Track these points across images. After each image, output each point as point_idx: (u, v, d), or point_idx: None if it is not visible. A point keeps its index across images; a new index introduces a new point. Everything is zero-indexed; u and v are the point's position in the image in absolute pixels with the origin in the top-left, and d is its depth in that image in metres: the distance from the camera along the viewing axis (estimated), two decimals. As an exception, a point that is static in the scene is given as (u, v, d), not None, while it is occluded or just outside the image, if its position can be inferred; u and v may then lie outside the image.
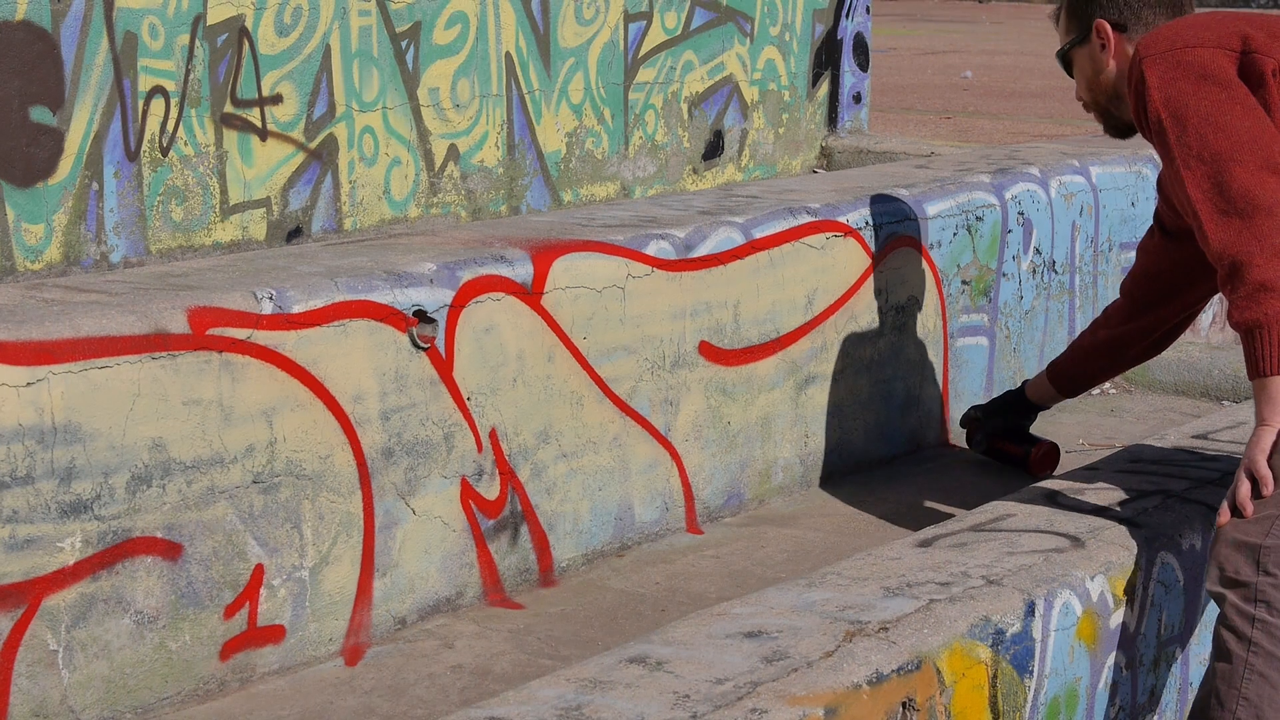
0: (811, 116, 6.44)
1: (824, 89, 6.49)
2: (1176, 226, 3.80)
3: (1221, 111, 3.11)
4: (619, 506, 4.01)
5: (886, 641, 2.66)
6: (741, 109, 6.11)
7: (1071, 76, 3.70)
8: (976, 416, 4.58)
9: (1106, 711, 3.11)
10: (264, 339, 3.30)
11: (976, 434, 4.57)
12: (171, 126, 4.43)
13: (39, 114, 4.15)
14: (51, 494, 3.00)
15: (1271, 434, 3.00)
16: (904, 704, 2.61)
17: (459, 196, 5.17)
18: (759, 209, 4.38)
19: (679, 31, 5.83)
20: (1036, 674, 2.89)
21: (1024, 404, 4.49)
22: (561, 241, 3.91)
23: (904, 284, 4.67)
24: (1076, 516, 3.27)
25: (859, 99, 6.66)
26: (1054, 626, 2.93)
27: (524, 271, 3.77)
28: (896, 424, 4.73)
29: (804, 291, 4.40)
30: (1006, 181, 5.03)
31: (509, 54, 5.26)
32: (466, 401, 3.66)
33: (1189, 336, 5.58)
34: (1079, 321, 5.28)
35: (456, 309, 3.63)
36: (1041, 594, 2.91)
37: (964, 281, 4.88)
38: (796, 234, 4.36)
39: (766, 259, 4.29)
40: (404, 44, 4.96)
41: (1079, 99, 3.72)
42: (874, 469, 4.63)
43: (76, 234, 4.25)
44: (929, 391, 4.82)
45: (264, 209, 4.67)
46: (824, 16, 6.43)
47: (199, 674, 3.24)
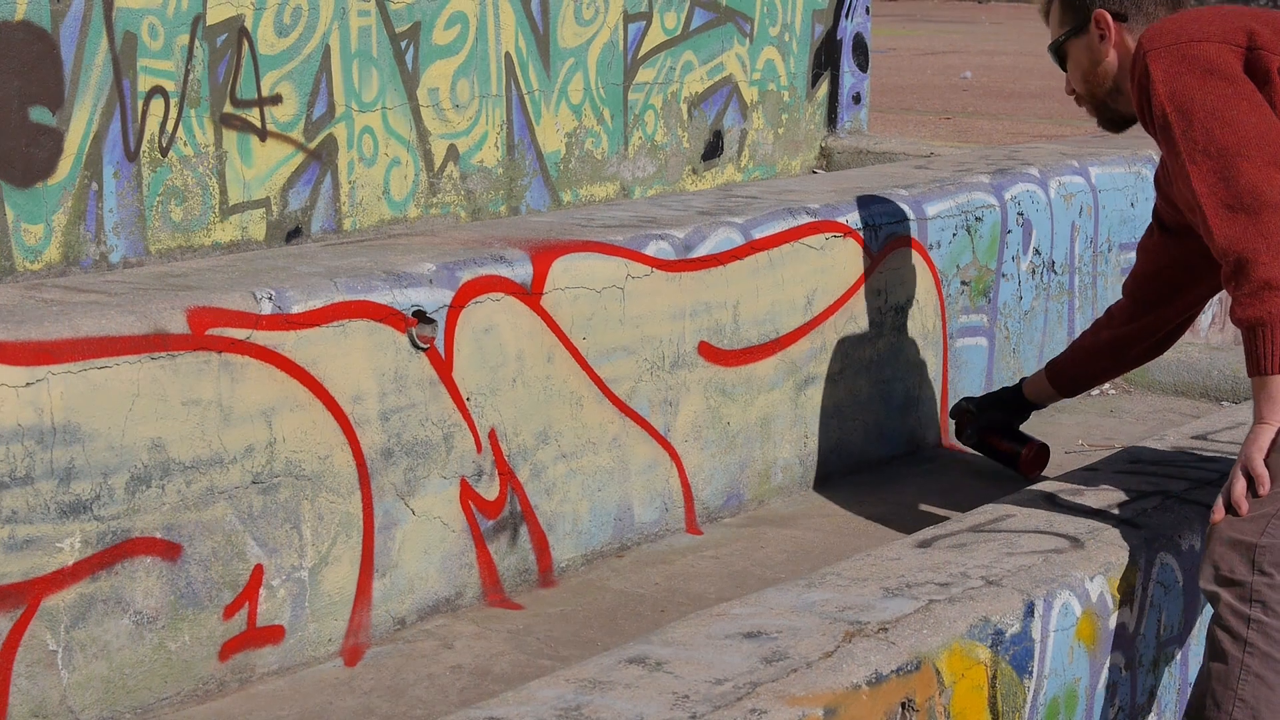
0: (811, 117, 6.44)
1: (823, 89, 6.49)
2: (1176, 223, 3.77)
3: (1228, 106, 3.08)
4: (618, 507, 4.01)
5: (886, 642, 2.66)
6: (741, 109, 6.11)
7: (1064, 69, 3.63)
8: (969, 409, 4.54)
9: (1106, 712, 3.11)
10: (263, 339, 3.30)
11: (968, 427, 4.54)
12: (171, 127, 4.43)
13: (38, 114, 4.15)
14: (51, 494, 2.99)
15: (1269, 432, 2.99)
16: (903, 704, 2.61)
17: (458, 197, 5.17)
18: (758, 209, 4.38)
19: (678, 32, 5.83)
20: (1036, 674, 2.89)
21: (1020, 402, 4.46)
22: (561, 242, 3.91)
23: (903, 284, 4.67)
24: (1076, 517, 3.27)
25: (858, 99, 6.66)
26: (1053, 627, 2.93)
27: (523, 272, 3.77)
28: (896, 424, 4.73)
29: (803, 292, 4.40)
30: (1006, 182, 5.03)
31: (508, 54, 5.26)
32: (466, 402, 3.66)
33: (1188, 337, 5.58)
34: (1078, 322, 5.28)
35: (456, 309, 3.63)
36: (1041, 594, 2.91)
37: (963, 282, 4.88)
38: (796, 234, 4.36)
39: (766, 259, 4.29)
40: (403, 44, 4.96)
41: (1070, 92, 3.65)
42: (873, 469, 4.63)
43: (76, 234, 4.25)
44: (928, 392, 4.82)
45: (263, 209, 4.67)
46: (823, 17, 6.43)
47: (198, 674, 3.24)
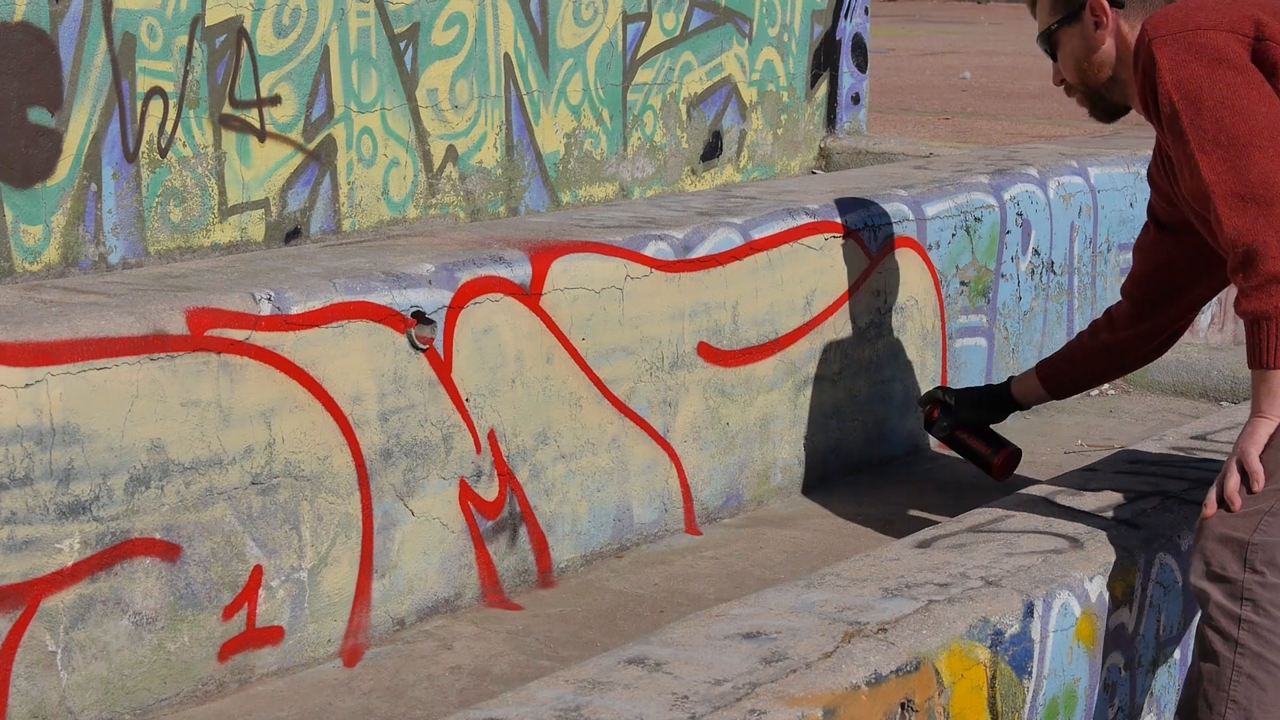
0: (810, 117, 6.44)
1: (822, 90, 6.49)
2: (1172, 219, 3.68)
3: (1238, 96, 3.02)
4: (618, 508, 4.01)
5: (885, 642, 2.66)
6: (740, 110, 6.11)
7: (1054, 59, 3.52)
8: (944, 400, 4.29)
9: (1105, 712, 3.11)
10: (262, 340, 3.30)
11: (942, 419, 4.28)
12: (170, 128, 4.43)
13: (37, 115, 4.15)
14: (50, 495, 2.99)
15: (1266, 426, 2.95)
16: (903, 705, 2.61)
17: (457, 197, 5.17)
18: (757, 210, 4.38)
19: (677, 32, 5.83)
20: (1035, 675, 2.89)
21: (1005, 401, 4.27)
22: (560, 242, 3.91)
23: (902, 285, 4.67)
24: (1075, 517, 3.27)
25: (857, 100, 6.66)
26: (1053, 627, 2.93)
27: (522, 272, 3.77)
28: (895, 425, 4.73)
29: (802, 292, 4.40)
30: (1005, 182, 5.03)
31: (507, 55, 5.26)
32: (465, 402, 3.66)
33: (1188, 337, 5.58)
34: (1077, 322, 5.28)
35: (455, 310, 3.63)
36: (1040, 595, 2.91)
37: (962, 282, 4.88)
38: (795, 235, 4.36)
39: (765, 260, 4.29)
40: (402, 45, 4.96)
41: (1059, 82, 3.56)
42: (872, 470, 4.63)
43: (75, 235, 4.25)
44: (927, 392, 4.81)
45: (262, 210, 4.67)
46: (822, 17, 6.43)
47: (197, 675, 3.24)
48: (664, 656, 2.61)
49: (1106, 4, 3.42)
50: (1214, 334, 5.81)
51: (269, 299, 3.33)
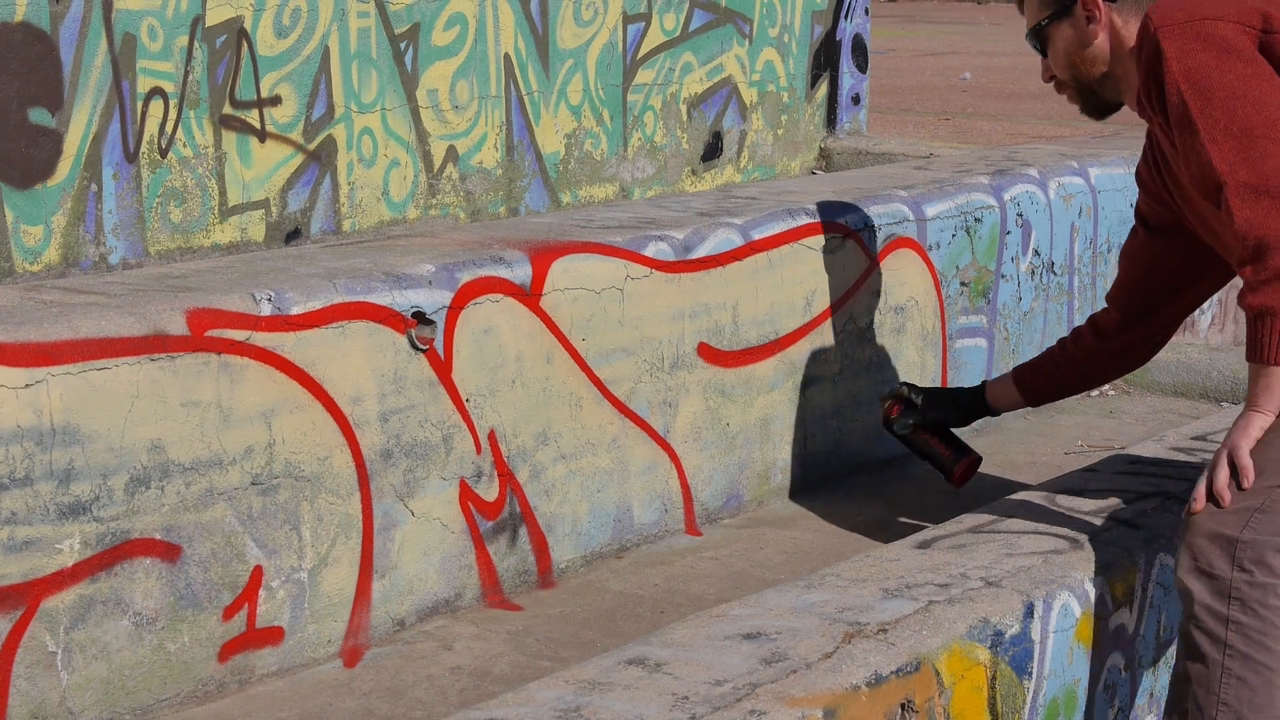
0: (810, 118, 6.44)
1: (823, 90, 6.49)
2: (1161, 220, 3.62)
3: (1250, 87, 2.98)
4: (618, 508, 4.01)
5: (885, 643, 2.66)
6: (740, 110, 6.11)
7: (1044, 55, 3.48)
8: (911, 399, 4.16)
9: (1105, 713, 3.11)
10: (263, 340, 3.30)
11: (906, 415, 4.14)
12: (170, 128, 4.43)
13: (38, 115, 4.15)
14: (50, 495, 2.99)
15: (1260, 421, 2.90)
16: (903, 705, 2.61)
17: (458, 198, 5.17)
18: (758, 210, 4.38)
19: (678, 33, 5.83)
20: (1035, 675, 2.89)
21: (978, 405, 4.16)
22: (560, 243, 3.91)
23: (903, 285, 4.67)
24: (1075, 518, 3.27)
25: (858, 100, 6.66)
26: (1053, 628, 2.93)
27: (523, 273, 3.77)
28: (895, 425, 4.73)
29: (803, 293, 4.40)
30: (1005, 183, 5.03)
31: (508, 55, 5.26)
32: (465, 403, 3.66)
33: (1188, 337, 5.58)
34: (1077, 323, 5.27)
35: (455, 310, 3.63)
36: (1040, 595, 2.91)
37: (963, 283, 4.88)
38: (795, 235, 4.36)
39: (765, 260, 4.29)
40: (403, 45, 4.96)
41: (1049, 79, 3.51)
42: (873, 470, 4.63)
43: (75, 235, 4.25)
44: (928, 393, 4.81)
45: (263, 210, 4.67)
46: (823, 18, 6.43)
47: (198, 675, 3.24)
48: (664, 657, 2.61)
49: None
50: (1214, 334, 5.81)
51: (269, 299, 3.33)
